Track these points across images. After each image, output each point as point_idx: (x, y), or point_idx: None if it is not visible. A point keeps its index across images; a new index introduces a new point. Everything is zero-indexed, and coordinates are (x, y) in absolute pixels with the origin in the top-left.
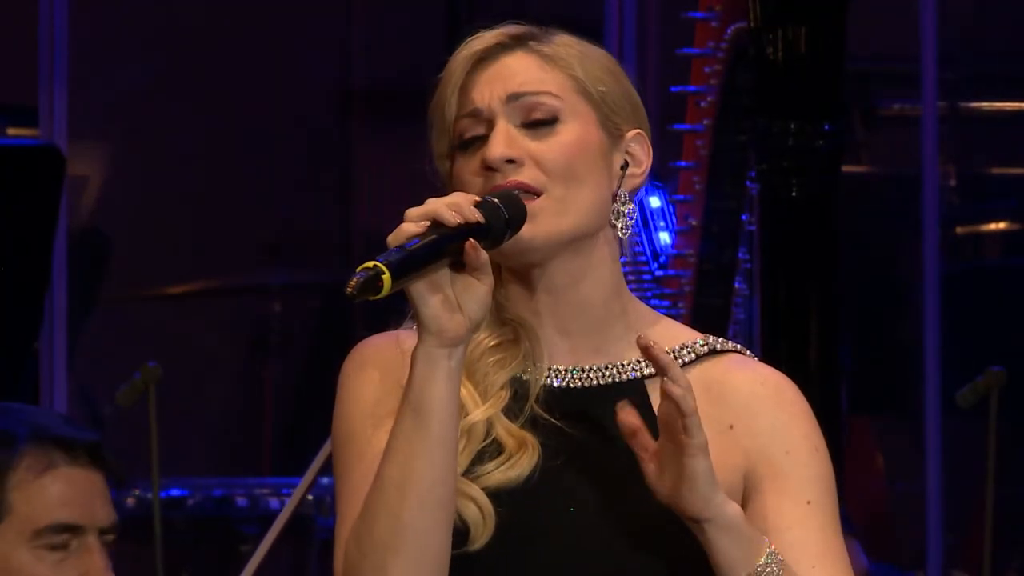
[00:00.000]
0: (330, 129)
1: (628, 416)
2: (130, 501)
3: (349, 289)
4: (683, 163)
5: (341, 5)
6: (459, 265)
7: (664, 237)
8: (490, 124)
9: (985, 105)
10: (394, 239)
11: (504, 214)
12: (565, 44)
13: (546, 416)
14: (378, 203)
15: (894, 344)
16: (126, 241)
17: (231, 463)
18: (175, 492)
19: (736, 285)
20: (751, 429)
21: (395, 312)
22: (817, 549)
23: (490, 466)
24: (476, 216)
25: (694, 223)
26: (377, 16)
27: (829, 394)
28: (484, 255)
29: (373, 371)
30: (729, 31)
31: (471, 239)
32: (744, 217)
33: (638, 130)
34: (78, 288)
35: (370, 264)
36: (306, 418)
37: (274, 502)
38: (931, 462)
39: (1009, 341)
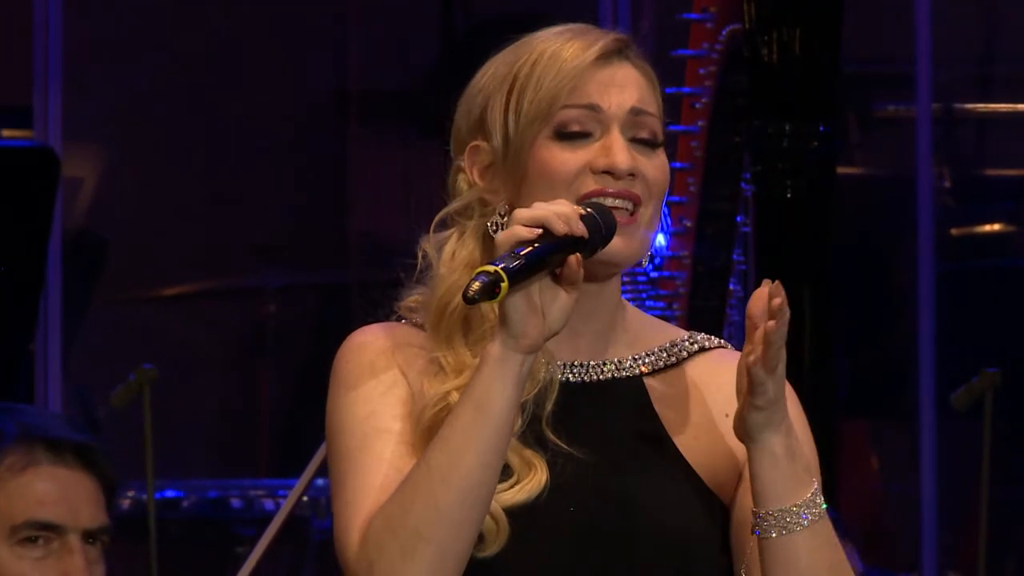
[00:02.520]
0: (326, 131)
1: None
2: (125, 503)
3: (471, 293)
4: (678, 165)
5: (338, 7)
6: (553, 275)
7: (659, 239)
8: (603, 127)
9: (980, 107)
10: (505, 242)
11: (602, 229)
12: (649, 66)
13: (555, 439)
14: (374, 205)
15: (889, 346)
16: (121, 243)
17: (226, 465)
18: (170, 494)
19: (731, 287)
20: None
21: (393, 313)
22: None
23: (500, 487)
24: (582, 229)
25: (689, 225)
26: (374, 18)
27: (823, 396)
28: (582, 271)
29: (370, 357)
30: (724, 33)
31: (577, 254)
32: (739, 219)
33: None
34: (73, 289)
35: (491, 269)
36: (302, 420)
37: (269, 504)
38: (926, 464)
39: (1004, 342)
